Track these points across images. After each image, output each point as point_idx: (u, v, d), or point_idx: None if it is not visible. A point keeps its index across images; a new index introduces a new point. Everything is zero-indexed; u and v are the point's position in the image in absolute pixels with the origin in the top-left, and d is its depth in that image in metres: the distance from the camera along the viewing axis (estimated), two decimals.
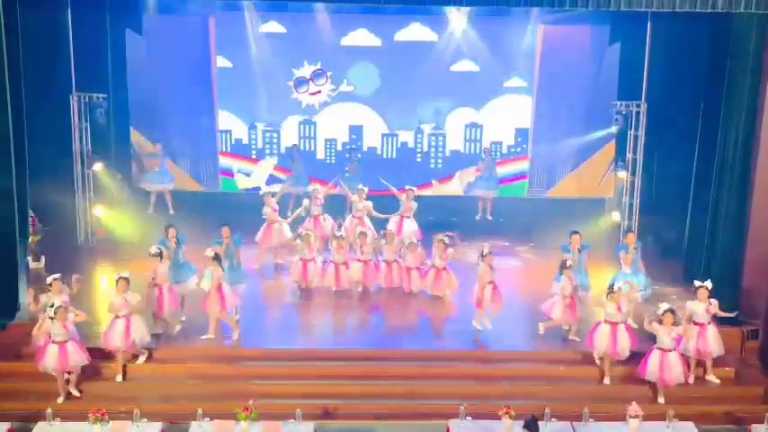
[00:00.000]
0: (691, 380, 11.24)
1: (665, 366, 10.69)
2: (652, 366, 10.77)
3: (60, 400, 10.62)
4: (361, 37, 17.20)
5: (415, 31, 17.14)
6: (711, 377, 11.43)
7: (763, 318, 12.36)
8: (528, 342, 12.14)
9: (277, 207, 14.71)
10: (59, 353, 10.48)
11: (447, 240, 13.47)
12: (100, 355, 11.16)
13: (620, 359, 11.22)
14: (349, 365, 11.49)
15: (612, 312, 11.10)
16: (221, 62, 17.18)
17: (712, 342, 11.26)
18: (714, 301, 11.30)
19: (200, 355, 11.73)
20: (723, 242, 12.65)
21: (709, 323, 11.30)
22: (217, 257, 11.75)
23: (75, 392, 10.81)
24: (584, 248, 12.75)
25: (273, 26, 17.10)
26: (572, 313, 11.89)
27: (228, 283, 12.10)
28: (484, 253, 12.20)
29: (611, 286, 11.30)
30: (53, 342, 10.50)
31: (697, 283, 11.38)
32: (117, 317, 11.01)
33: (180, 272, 12.39)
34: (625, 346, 11.10)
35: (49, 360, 10.50)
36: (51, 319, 10.37)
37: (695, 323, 11.22)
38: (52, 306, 10.45)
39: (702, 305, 11.24)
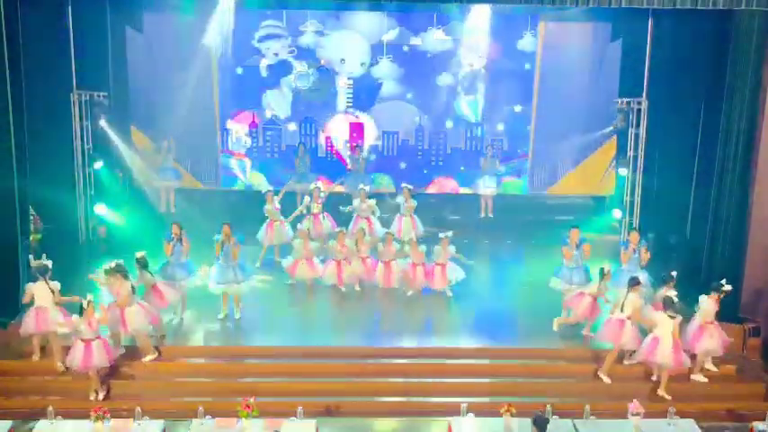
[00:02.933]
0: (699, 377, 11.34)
1: (661, 350, 10.76)
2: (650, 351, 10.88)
3: (91, 397, 10.65)
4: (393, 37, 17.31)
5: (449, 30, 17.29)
6: (699, 376, 11.43)
7: (765, 315, 12.36)
8: (529, 339, 12.15)
9: (279, 206, 14.70)
10: (84, 351, 10.50)
11: (450, 236, 13.49)
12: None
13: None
14: (350, 363, 11.49)
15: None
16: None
17: (716, 341, 11.27)
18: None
19: (201, 353, 11.74)
20: (724, 239, 12.65)
21: (712, 322, 11.31)
22: (141, 262, 11.55)
23: (100, 394, 10.75)
24: (582, 242, 12.75)
25: (312, 26, 17.22)
26: (593, 312, 11.91)
27: (225, 282, 12.23)
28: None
29: (635, 278, 11.30)
30: (80, 339, 10.54)
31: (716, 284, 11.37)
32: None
33: (180, 270, 12.38)
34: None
35: (75, 357, 10.54)
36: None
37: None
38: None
39: (713, 303, 11.27)
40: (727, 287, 11.29)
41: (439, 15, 17.02)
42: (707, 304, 11.27)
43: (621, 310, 11.17)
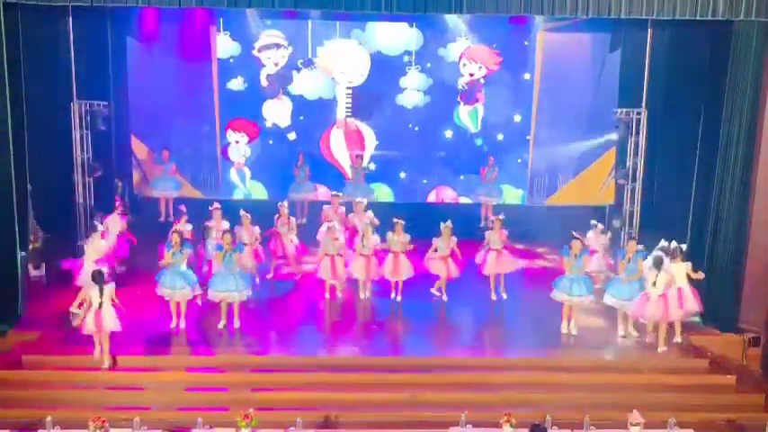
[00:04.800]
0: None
1: None
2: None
3: (103, 365, 11.30)
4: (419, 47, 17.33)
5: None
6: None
7: (764, 325, 12.35)
8: (529, 349, 12.13)
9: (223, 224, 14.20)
10: (96, 316, 11.13)
11: (502, 218, 13.76)
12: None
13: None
14: (350, 374, 11.46)
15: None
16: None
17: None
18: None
19: (199, 363, 11.71)
20: (724, 249, 12.64)
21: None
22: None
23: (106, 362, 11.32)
24: (584, 253, 12.73)
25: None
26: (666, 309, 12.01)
27: (226, 291, 12.22)
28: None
29: (659, 258, 11.94)
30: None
31: (674, 244, 12.18)
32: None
33: (179, 280, 12.34)
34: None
35: (90, 322, 11.14)
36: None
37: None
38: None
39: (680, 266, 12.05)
40: (683, 246, 12.41)
41: (469, 25, 17.01)
42: (675, 269, 11.93)
43: (654, 286, 11.78)
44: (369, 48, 17.19)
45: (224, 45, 17.15)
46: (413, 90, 17.41)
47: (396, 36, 17.16)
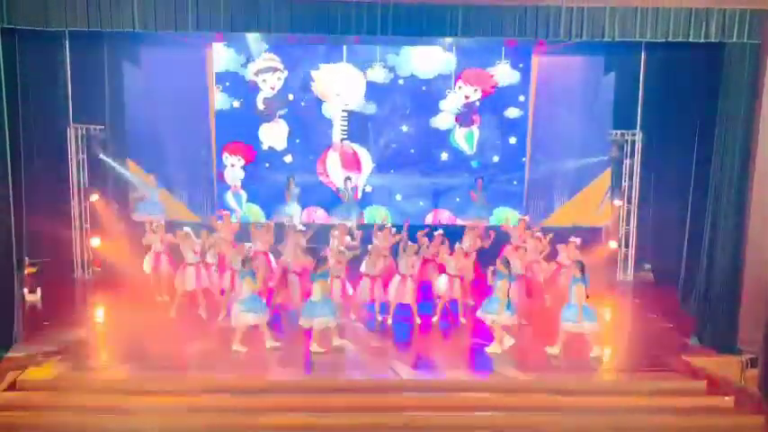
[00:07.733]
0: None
1: None
2: None
3: None
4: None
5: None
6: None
7: (762, 346, 12.31)
8: (529, 372, 12.07)
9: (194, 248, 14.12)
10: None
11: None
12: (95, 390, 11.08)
13: None
14: (349, 396, 11.38)
15: None
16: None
17: None
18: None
19: (200, 387, 11.64)
20: (720, 269, 12.63)
21: None
22: None
23: None
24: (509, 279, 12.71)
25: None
26: None
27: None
28: None
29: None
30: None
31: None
32: None
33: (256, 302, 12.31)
34: None
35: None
36: None
37: None
38: None
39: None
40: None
41: (507, 49, 17.12)
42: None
43: None
44: (403, 71, 17.37)
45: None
46: (449, 113, 17.52)
47: (430, 60, 17.33)
